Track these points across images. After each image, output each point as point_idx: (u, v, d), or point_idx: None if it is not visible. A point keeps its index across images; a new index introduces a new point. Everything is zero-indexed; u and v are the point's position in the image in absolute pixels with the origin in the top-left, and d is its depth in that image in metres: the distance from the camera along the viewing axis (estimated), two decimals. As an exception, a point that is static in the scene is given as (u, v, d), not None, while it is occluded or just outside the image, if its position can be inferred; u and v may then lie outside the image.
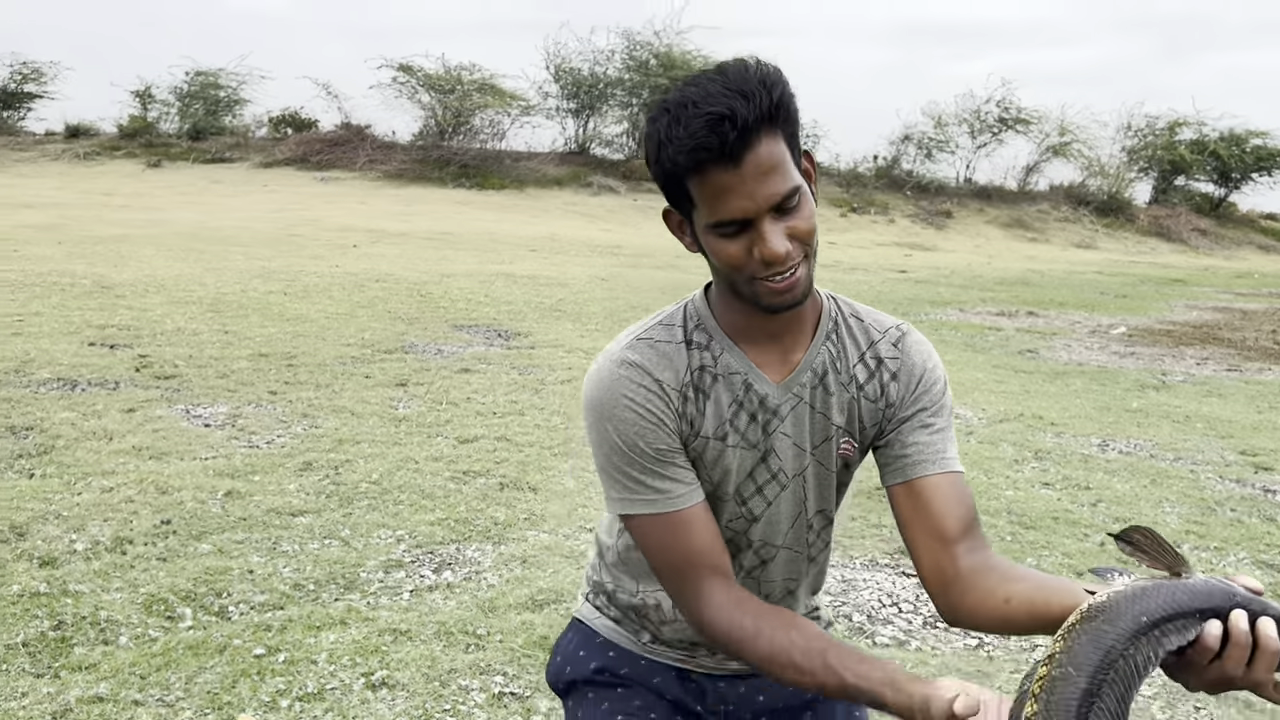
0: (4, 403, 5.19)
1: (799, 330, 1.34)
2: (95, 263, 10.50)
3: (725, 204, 1.17)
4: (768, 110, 1.14)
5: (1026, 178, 31.16)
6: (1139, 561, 1.08)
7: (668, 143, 1.17)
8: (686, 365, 1.32)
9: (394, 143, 26.90)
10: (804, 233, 1.21)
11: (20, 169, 24.16)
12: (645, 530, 1.31)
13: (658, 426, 1.29)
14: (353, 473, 4.51)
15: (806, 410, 1.35)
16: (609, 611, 1.53)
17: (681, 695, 1.49)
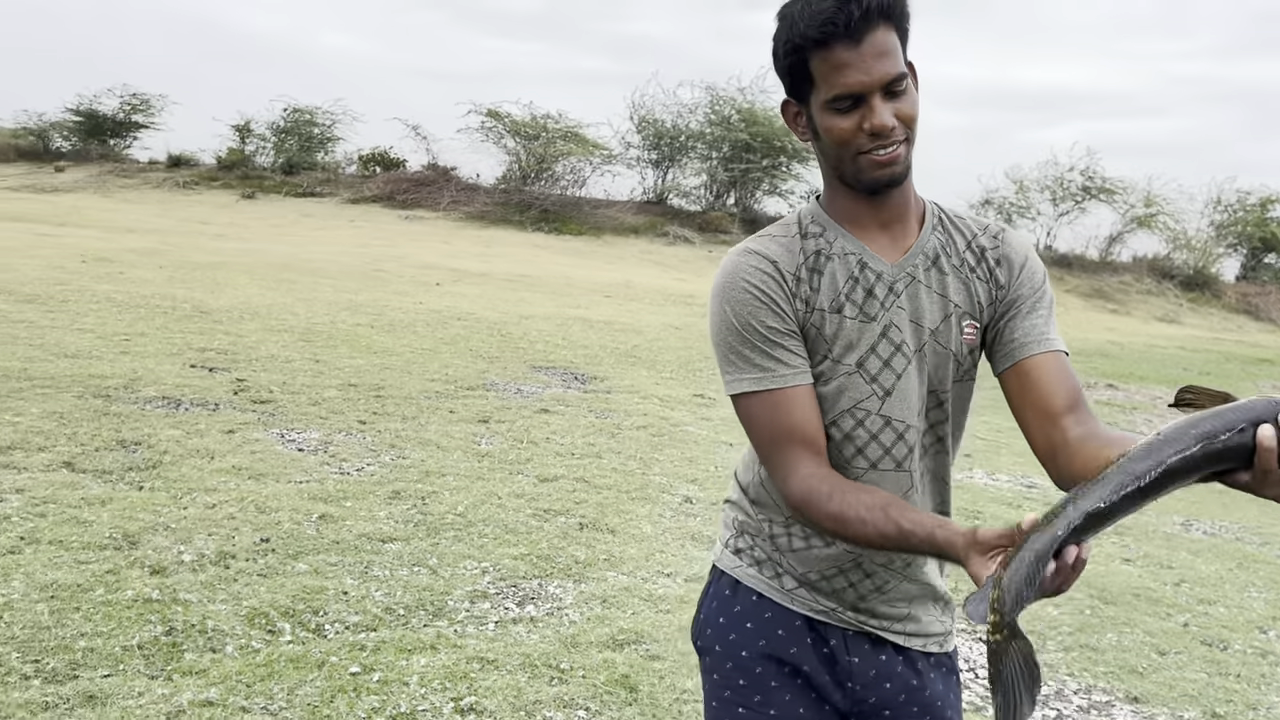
0: (115, 417, 5.46)
1: (906, 219, 1.46)
2: (194, 288, 10.95)
3: (844, 77, 1.32)
4: (887, 6, 1.32)
5: (1109, 248, 30.70)
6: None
7: (799, 20, 1.33)
8: (801, 249, 1.44)
9: (477, 185, 27.56)
10: (907, 115, 1.35)
11: (124, 195, 25.26)
12: (751, 408, 1.42)
13: (770, 306, 1.41)
14: (439, 504, 4.65)
15: (922, 289, 1.44)
16: (750, 554, 1.56)
17: (814, 666, 1.51)
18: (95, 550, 3.68)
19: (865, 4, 1.30)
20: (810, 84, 1.37)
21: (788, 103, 1.44)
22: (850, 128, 1.35)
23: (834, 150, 1.39)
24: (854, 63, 1.32)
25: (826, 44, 1.32)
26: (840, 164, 1.40)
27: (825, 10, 1.31)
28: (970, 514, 5.46)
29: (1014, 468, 6.77)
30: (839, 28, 1.30)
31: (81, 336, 7.56)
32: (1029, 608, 1.17)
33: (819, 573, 1.51)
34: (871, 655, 1.53)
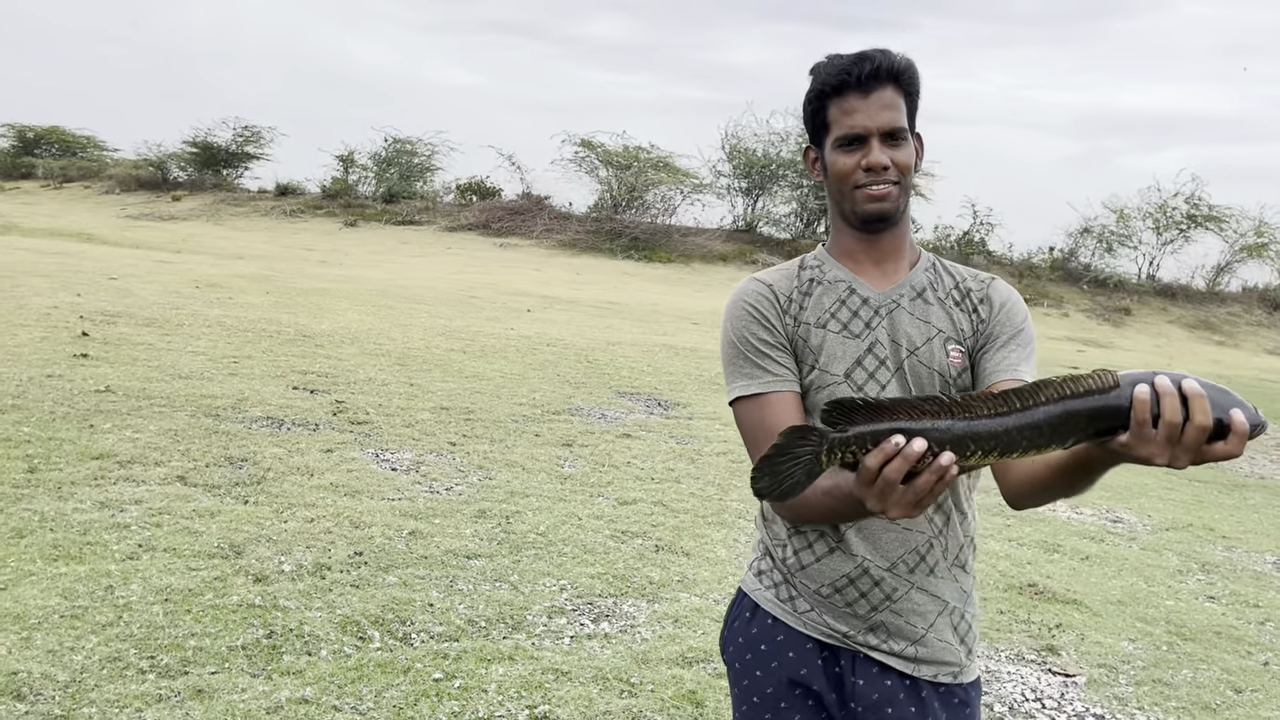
0: (224, 435, 5.82)
1: (899, 259, 1.66)
2: (298, 313, 11.47)
3: (850, 120, 1.56)
4: (897, 71, 1.56)
5: (1216, 278, 29.65)
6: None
7: (824, 72, 1.59)
8: (797, 277, 1.67)
9: (570, 213, 28.09)
10: (902, 163, 1.58)
11: (235, 222, 26.46)
12: (743, 412, 1.62)
13: (761, 321, 1.63)
14: (522, 523, 4.85)
15: (904, 314, 1.62)
16: (770, 575, 1.69)
17: (823, 686, 1.62)
18: (205, 558, 3.96)
19: (877, 64, 1.56)
20: (826, 129, 1.61)
21: (808, 149, 1.68)
22: (851, 164, 1.58)
23: (836, 185, 1.61)
24: (861, 109, 1.56)
25: (841, 92, 1.57)
26: (841, 198, 1.62)
27: (844, 64, 1.57)
28: (1050, 546, 5.43)
29: (1099, 502, 6.68)
30: (852, 79, 1.55)
31: (194, 359, 8.03)
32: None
33: (831, 585, 1.61)
34: (877, 680, 1.61)
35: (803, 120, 1.66)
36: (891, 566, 1.60)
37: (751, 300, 1.65)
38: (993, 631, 4.09)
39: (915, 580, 1.61)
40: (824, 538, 1.62)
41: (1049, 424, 1.21)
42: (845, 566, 1.61)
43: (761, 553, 1.73)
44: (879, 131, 1.56)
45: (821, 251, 1.71)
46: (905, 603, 1.61)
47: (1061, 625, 4.23)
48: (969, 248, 28.14)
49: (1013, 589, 4.64)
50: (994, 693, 3.55)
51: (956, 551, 1.65)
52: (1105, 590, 4.77)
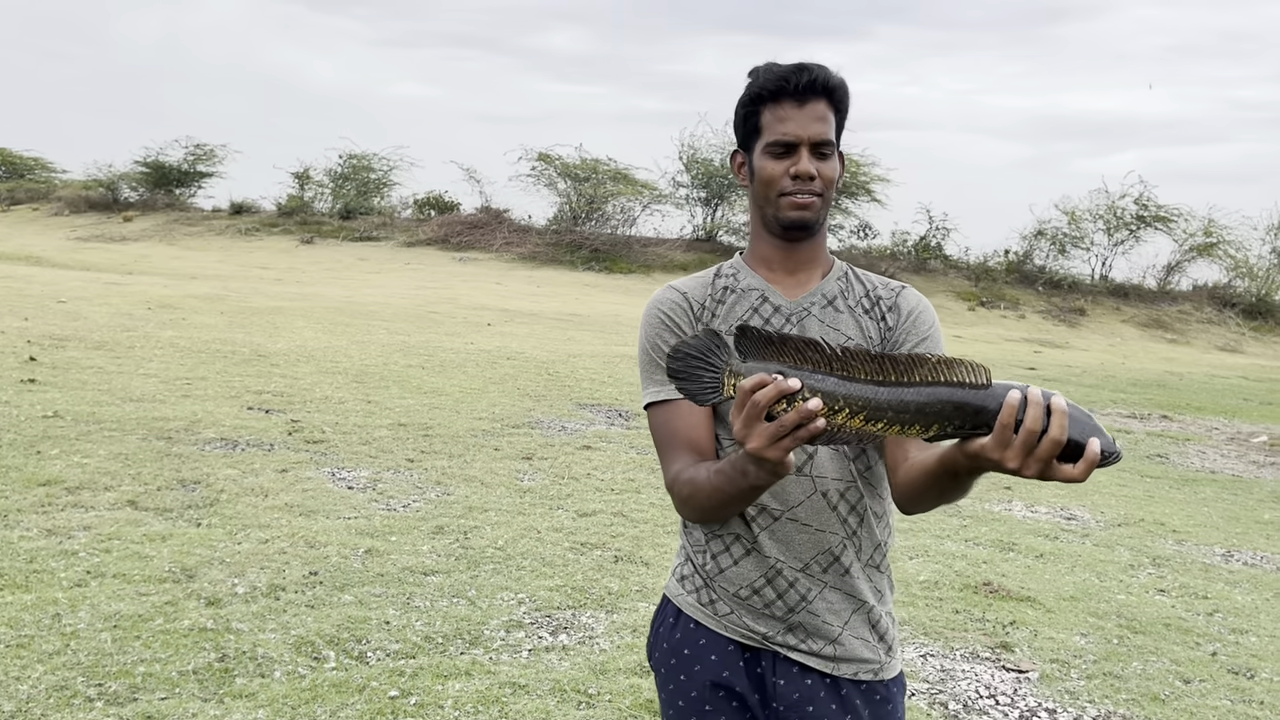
0: (176, 458, 5.75)
1: (813, 269, 1.69)
2: (253, 332, 11.35)
3: (783, 126, 1.59)
4: (830, 87, 1.60)
5: (1167, 277, 30.21)
6: None
7: (761, 77, 1.61)
8: (712, 285, 1.70)
9: (529, 226, 28.06)
10: (827, 175, 1.61)
11: (188, 242, 26.15)
12: (655, 417, 1.65)
13: (673, 329, 1.65)
14: (480, 538, 4.83)
15: (814, 321, 1.65)
16: (692, 580, 1.71)
17: (745, 687, 1.65)
18: (155, 583, 3.91)
19: (814, 76, 1.59)
20: (757, 134, 1.63)
21: (736, 152, 1.71)
22: (779, 171, 1.61)
23: (762, 191, 1.63)
24: (794, 118, 1.59)
25: (777, 99, 1.60)
26: (765, 204, 1.64)
27: (783, 72, 1.60)
28: (1005, 545, 5.50)
29: (1054, 500, 6.78)
30: (790, 87, 1.59)
31: (146, 381, 7.92)
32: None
33: (749, 587, 1.64)
34: (797, 680, 1.64)
35: (733, 124, 1.68)
36: (804, 567, 1.63)
37: (665, 308, 1.68)
38: (948, 631, 4.14)
39: (829, 580, 1.64)
40: (739, 540, 1.64)
41: (917, 404, 1.25)
42: (760, 568, 1.63)
43: (683, 559, 1.76)
44: (809, 141, 1.59)
45: (738, 260, 1.73)
46: (820, 603, 1.64)
47: (1015, 622, 4.29)
48: (925, 253, 28.45)
49: (968, 588, 4.69)
50: (949, 691, 3.59)
51: (871, 552, 1.68)
52: (1059, 586, 4.83)
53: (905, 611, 4.31)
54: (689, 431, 1.62)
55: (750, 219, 1.73)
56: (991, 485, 7.03)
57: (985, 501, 6.55)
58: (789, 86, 1.58)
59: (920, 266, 27.96)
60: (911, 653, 3.91)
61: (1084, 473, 1.21)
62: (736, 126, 1.67)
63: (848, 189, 27.04)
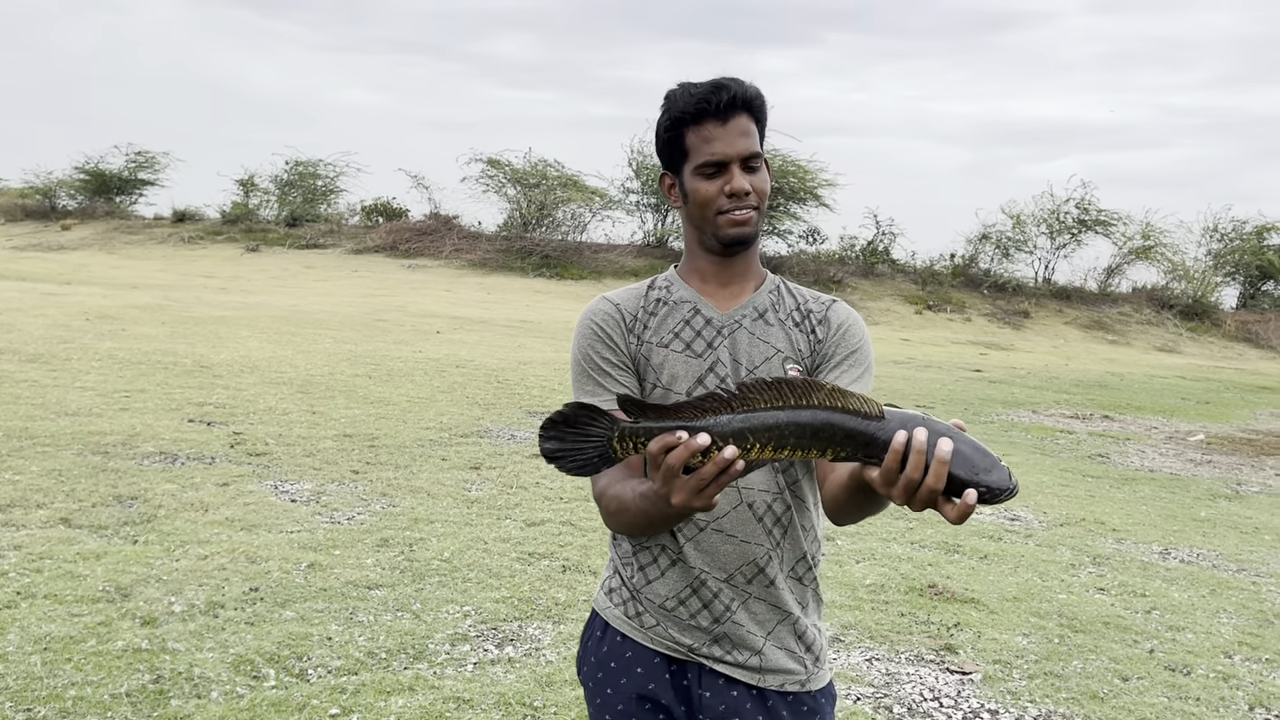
0: (113, 473, 5.62)
1: (745, 282, 1.71)
2: (195, 343, 11.15)
3: (711, 147, 1.60)
4: (750, 100, 1.61)
5: (1108, 279, 30.85)
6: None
7: (680, 100, 1.62)
8: (645, 297, 1.71)
9: (479, 233, 27.92)
10: (759, 188, 1.62)
11: (129, 251, 25.64)
12: None
13: (605, 340, 1.66)
14: (426, 550, 4.78)
15: (744, 334, 1.66)
16: (619, 593, 1.72)
17: (671, 699, 1.65)
18: (88, 603, 3.81)
19: (733, 93, 1.60)
20: (684, 156, 1.63)
21: (664, 175, 1.70)
22: (714, 190, 1.61)
23: (698, 211, 1.64)
24: (721, 137, 1.60)
25: (700, 120, 1.60)
26: (702, 224, 1.65)
27: (701, 93, 1.60)
28: (950, 547, 5.56)
29: (998, 501, 6.87)
30: (711, 107, 1.59)
31: (82, 394, 7.74)
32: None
33: (675, 598, 1.65)
34: (723, 691, 1.64)
35: (655, 148, 1.69)
36: (729, 578, 1.64)
37: (598, 319, 1.68)
38: (893, 634, 4.17)
39: (754, 591, 1.64)
40: (665, 551, 1.65)
41: (812, 429, 1.27)
42: (685, 579, 1.64)
43: (611, 571, 1.76)
44: (739, 158, 1.60)
45: (672, 273, 1.74)
46: (745, 614, 1.64)
47: (960, 624, 4.34)
48: (873, 257, 28.76)
49: (914, 591, 4.73)
50: (894, 694, 3.62)
51: (793, 564, 1.68)
52: (1002, 587, 4.90)
53: (851, 615, 4.34)
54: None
55: (685, 236, 1.73)
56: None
57: (931, 504, 6.62)
58: (710, 107, 1.59)
59: (868, 271, 28.26)
60: (857, 657, 3.93)
61: (958, 517, 1.24)
62: (660, 150, 1.68)
63: (796, 195, 27.27)
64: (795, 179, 26.93)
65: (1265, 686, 3.90)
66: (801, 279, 26.39)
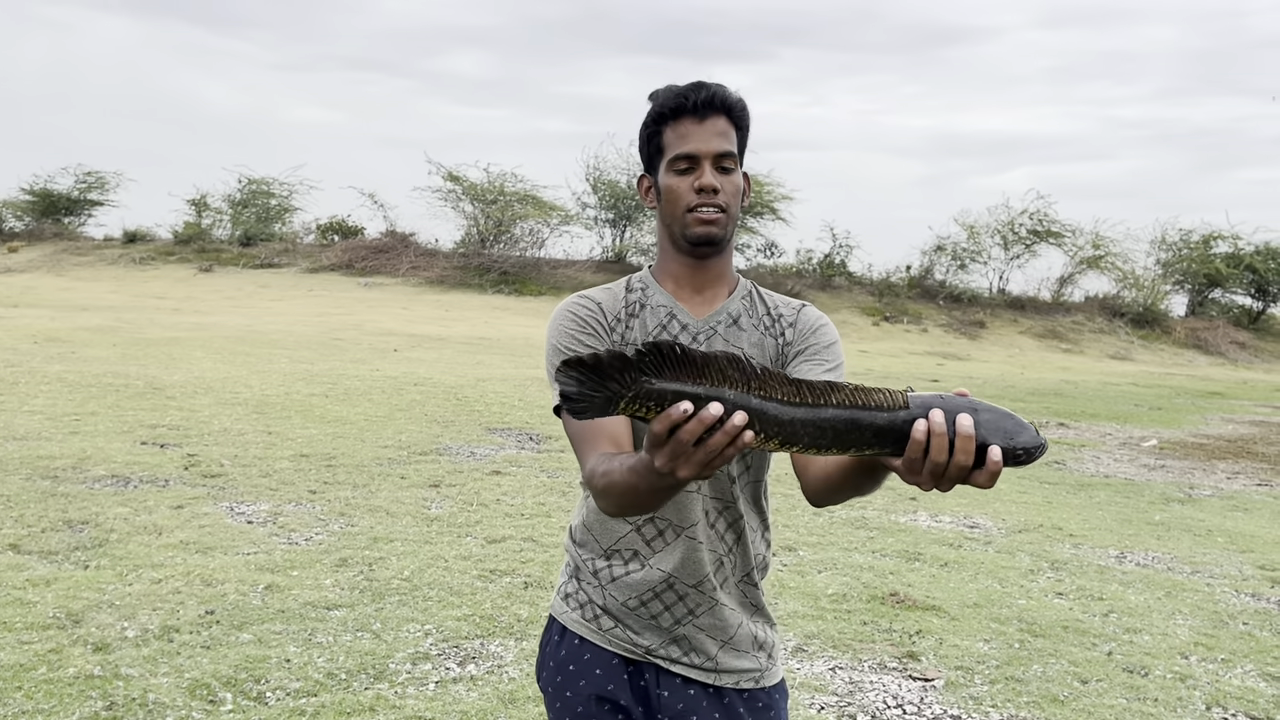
0: (62, 498, 5.50)
1: (719, 287, 1.71)
2: (148, 364, 10.97)
3: (685, 142, 1.61)
4: (730, 104, 1.63)
5: (1061, 289, 31.38)
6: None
7: (660, 96, 1.64)
8: (623, 299, 1.70)
9: (436, 250, 27.78)
10: (730, 189, 1.63)
11: (79, 273, 25.19)
12: (568, 416, 1.59)
13: (586, 330, 1.65)
14: (385, 569, 4.72)
15: (719, 340, 1.67)
16: (576, 598, 1.71)
17: (629, 700, 1.66)
18: (38, 630, 3.72)
19: (712, 92, 1.62)
20: (661, 153, 1.65)
21: (643, 176, 1.72)
22: (685, 186, 1.62)
23: (669, 208, 1.65)
24: (695, 133, 1.61)
25: (677, 116, 1.62)
26: (672, 220, 1.65)
27: (681, 90, 1.63)
28: (911, 555, 5.60)
29: (957, 509, 6.93)
30: (689, 104, 1.61)
31: (30, 418, 7.57)
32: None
33: (637, 598, 1.65)
34: (680, 690, 1.66)
35: (639, 148, 1.70)
36: (698, 584, 1.65)
37: (578, 312, 1.67)
38: (856, 643, 4.18)
39: (717, 596, 1.67)
40: (637, 556, 1.66)
41: (833, 427, 1.23)
42: (651, 580, 1.65)
43: (569, 574, 1.76)
44: (711, 155, 1.61)
45: (647, 274, 1.74)
46: (706, 617, 1.66)
47: (921, 631, 4.36)
48: (830, 270, 29.02)
49: (875, 599, 4.75)
50: (857, 703, 3.62)
51: (746, 571, 1.71)
52: (962, 594, 4.93)
53: (814, 625, 4.35)
54: (608, 425, 1.58)
55: (658, 238, 1.74)
56: (897, 497, 7.16)
57: (891, 513, 6.67)
58: (687, 104, 1.61)
59: (825, 283, 28.50)
60: (820, 666, 3.94)
61: (988, 481, 1.22)
62: (641, 149, 1.70)
63: (754, 209, 27.46)
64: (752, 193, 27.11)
65: (1221, 686, 3.96)
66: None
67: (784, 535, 5.74)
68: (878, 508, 6.79)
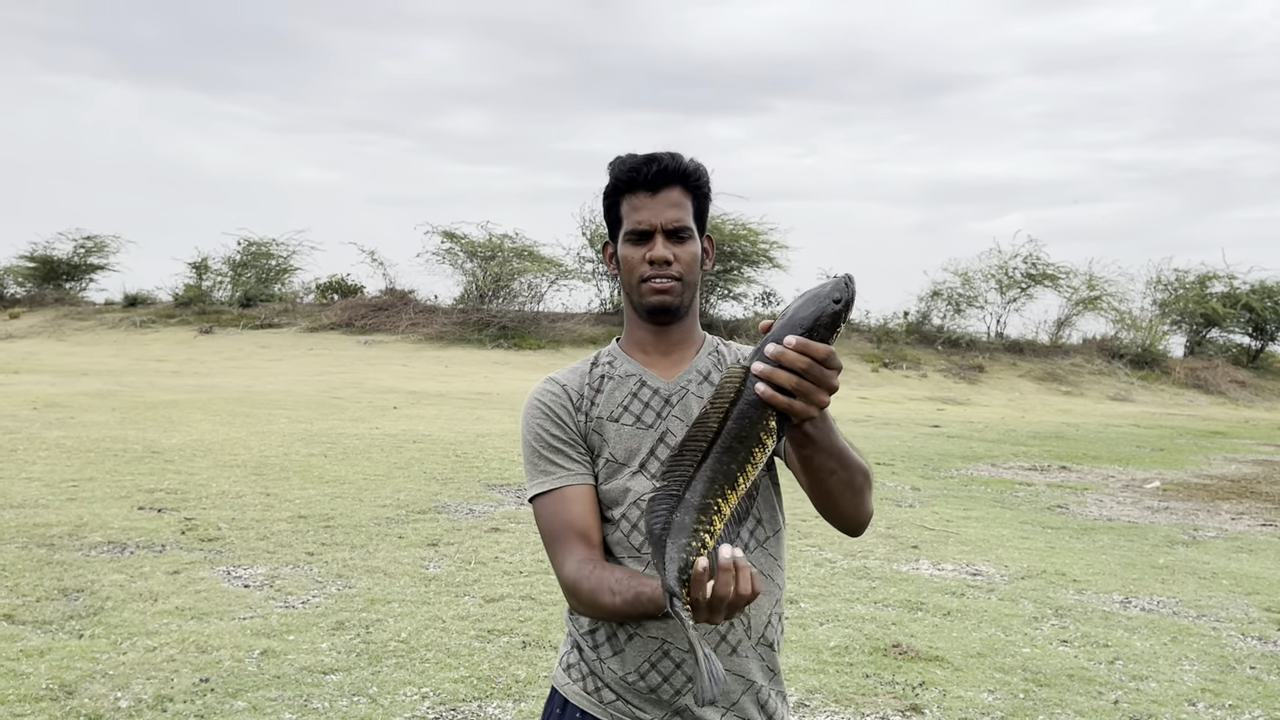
0: (57, 566, 5.46)
1: (686, 348, 1.74)
2: (146, 428, 10.96)
3: (638, 215, 1.65)
4: (685, 173, 1.66)
5: (1058, 331, 31.43)
6: None
7: (615, 168, 1.68)
8: (589, 374, 1.73)
9: (436, 306, 27.90)
10: (685, 259, 1.66)
11: (79, 337, 25.28)
12: (540, 508, 1.66)
13: (553, 418, 1.68)
14: (383, 631, 4.68)
15: (693, 398, 1.68)
16: (578, 668, 1.71)
17: None
18: (31, 702, 3.68)
19: (664, 165, 1.66)
20: (619, 224, 1.70)
21: (606, 244, 1.77)
22: (638, 257, 1.67)
23: (626, 278, 1.70)
24: (648, 206, 1.65)
25: (632, 189, 1.66)
26: (630, 290, 1.70)
27: (635, 163, 1.67)
28: (913, 605, 5.55)
29: (960, 557, 6.89)
30: (641, 177, 1.65)
31: (28, 485, 7.55)
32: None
33: (636, 671, 1.63)
34: None
35: (603, 215, 1.74)
36: (690, 648, 1.61)
37: (545, 400, 1.70)
38: (859, 696, 4.13)
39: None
40: (624, 625, 1.64)
41: (738, 438, 1.34)
42: (645, 652, 1.63)
43: (570, 646, 1.75)
44: (663, 228, 1.64)
45: (614, 347, 1.77)
46: None
47: (925, 683, 4.31)
48: (828, 317, 29.03)
49: (878, 651, 4.71)
50: (861, 759, 3.57)
51: (762, 630, 1.67)
52: (966, 644, 4.88)
53: (816, 679, 4.30)
54: (578, 521, 1.62)
55: (623, 306, 1.77)
56: (899, 545, 7.12)
57: (893, 562, 6.62)
58: (640, 177, 1.64)
59: (824, 331, 28.52)
60: (823, 722, 3.88)
61: (814, 354, 1.34)
62: (605, 217, 1.73)
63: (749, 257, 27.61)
64: (747, 242, 27.28)
65: (1229, 732, 3.90)
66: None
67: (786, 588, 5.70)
68: (879, 556, 6.75)
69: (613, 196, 1.69)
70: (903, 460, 12.21)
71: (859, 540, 7.17)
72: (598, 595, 1.53)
